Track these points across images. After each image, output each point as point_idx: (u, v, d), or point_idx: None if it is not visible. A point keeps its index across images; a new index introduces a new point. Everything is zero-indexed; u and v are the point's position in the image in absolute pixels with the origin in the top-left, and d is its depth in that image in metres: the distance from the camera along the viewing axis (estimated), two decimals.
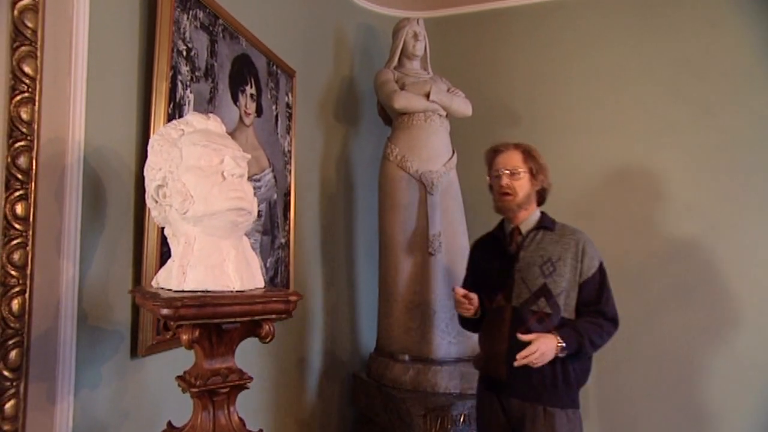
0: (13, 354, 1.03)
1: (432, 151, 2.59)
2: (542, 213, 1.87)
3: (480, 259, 1.95)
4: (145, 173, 1.07)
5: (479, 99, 2.87)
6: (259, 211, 1.97)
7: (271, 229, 2.07)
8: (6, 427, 1.01)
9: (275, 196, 2.10)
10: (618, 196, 2.82)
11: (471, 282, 1.96)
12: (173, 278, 0.98)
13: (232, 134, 1.77)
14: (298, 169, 2.32)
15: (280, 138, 2.17)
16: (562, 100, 2.98)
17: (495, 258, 1.86)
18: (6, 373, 1.02)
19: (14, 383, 1.03)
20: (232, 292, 0.99)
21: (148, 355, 1.38)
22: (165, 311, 0.88)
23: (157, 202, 1.05)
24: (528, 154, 1.83)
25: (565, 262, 1.72)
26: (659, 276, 2.68)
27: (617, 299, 2.66)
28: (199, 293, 0.95)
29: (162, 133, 1.06)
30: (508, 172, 1.80)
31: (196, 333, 0.94)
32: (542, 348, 1.60)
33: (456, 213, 2.63)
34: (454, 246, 2.54)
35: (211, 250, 1.00)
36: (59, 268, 1.14)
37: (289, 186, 2.24)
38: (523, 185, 1.80)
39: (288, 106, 2.25)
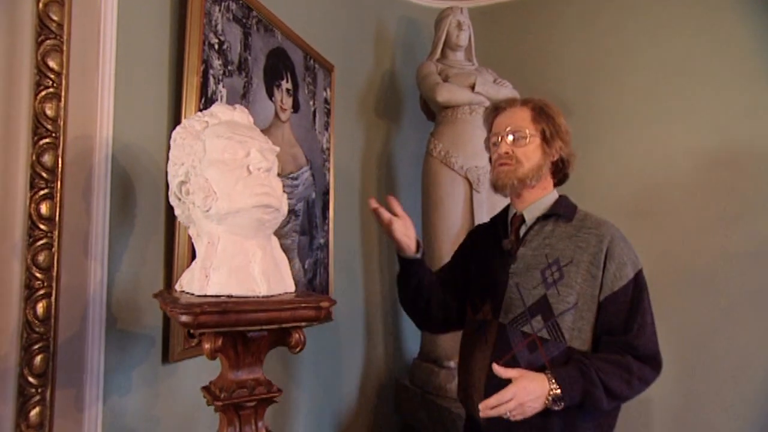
0: (38, 359, 0.99)
1: (478, 145, 2.42)
2: (561, 196, 1.38)
3: (473, 252, 1.47)
4: (168, 169, 1.00)
5: (528, 90, 2.67)
6: (296, 211, 1.90)
7: (309, 229, 1.99)
8: None
9: (313, 195, 2.03)
10: (686, 191, 2.56)
11: (452, 276, 1.47)
12: (195, 281, 0.91)
13: (267, 130, 1.71)
14: (337, 166, 2.24)
15: (318, 134, 2.09)
16: (621, 89, 2.75)
17: (489, 253, 1.39)
18: (31, 379, 0.98)
19: (39, 390, 0.99)
20: (257, 297, 0.90)
21: (181, 361, 1.33)
22: (184, 318, 0.81)
23: (180, 199, 0.98)
24: (541, 112, 1.33)
25: (578, 267, 1.22)
26: (737, 278, 2.41)
27: (683, 305, 2.26)
28: (222, 298, 0.87)
29: (185, 126, 1.00)
30: (509, 135, 1.31)
31: (219, 342, 0.86)
32: (521, 396, 1.10)
33: None
34: None
35: (235, 251, 0.92)
36: (86, 269, 1.09)
37: (328, 184, 2.16)
38: (529, 153, 1.30)
39: (326, 101, 2.17)
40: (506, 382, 1.15)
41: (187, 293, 0.93)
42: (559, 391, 1.12)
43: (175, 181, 0.98)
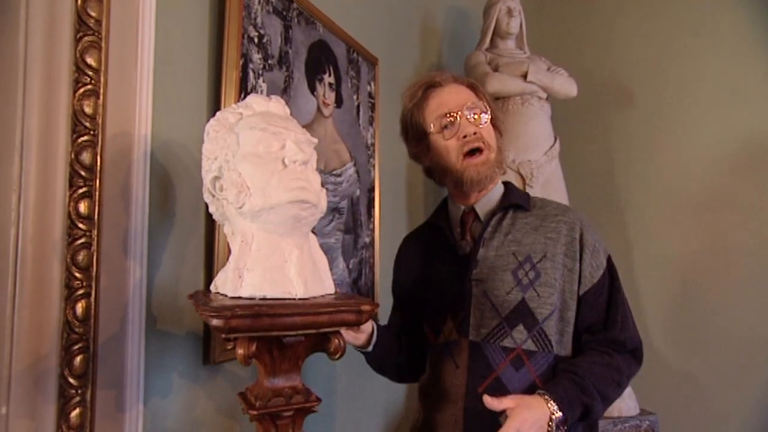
0: (77, 360, 0.97)
1: (530, 138, 2.31)
2: (507, 184, 1.21)
3: (413, 267, 1.26)
4: (202, 164, 0.96)
5: (586, 77, 2.52)
6: (340, 209, 1.84)
7: (353, 227, 1.93)
8: None
9: (358, 192, 1.97)
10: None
11: (400, 312, 1.31)
12: (229, 282, 0.86)
13: (309, 125, 1.66)
14: (382, 163, 2.17)
15: (363, 130, 2.03)
16: (694, 73, 2.53)
17: (438, 262, 1.20)
18: (71, 380, 0.96)
19: (79, 391, 0.98)
20: (293, 299, 0.84)
21: (223, 362, 1.30)
22: (215, 322, 0.76)
23: (213, 196, 0.94)
24: (479, 91, 1.17)
25: (554, 262, 1.09)
26: None
27: None
28: (256, 301, 0.81)
29: (218, 118, 0.95)
30: (469, 111, 1.11)
31: (253, 347, 0.81)
32: (524, 430, 0.93)
33: None
34: None
35: (270, 250, 0.86)
36: (126, 269, 1.07)
37: (373, 181, 2.10)
38: (491, 134, 1.14)
39: (370, 95, 2.10)
40: (489, 413, 0.98)
41: (222, 295, 0.88)
42: (560, 413, 0.97)
43: (209, 177, 0.94)
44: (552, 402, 0.98)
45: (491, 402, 0.98)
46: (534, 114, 2.33)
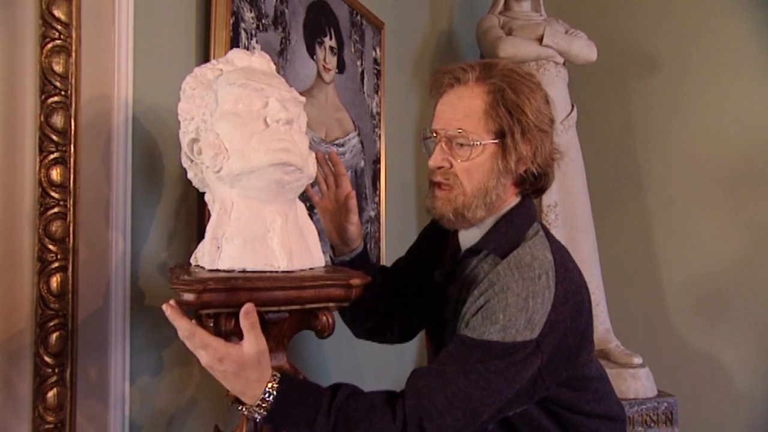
0: (53, 337, 0.92)
1: None
2: (506, 214, 0.97)
3: (426, 257, 1.16)
4: (180, 126, 0.88)
5: (606, 41, 2.37)
6: None
7: (357, 200, 1.85)
8: (49, 418, 0.91)
9: (362, 164, 1.88)
10: None
11: (404, 274, 1.20)
12: (206, 254, 0.78)
13: (309, 91, 1.57)
14: (389, 133, 2.06)
15: (367, 98, 1.93)
16: (724, 36, 2.35)
17: (431, 274, 1.10)
18: (47, 358, 0.91)
19: (56, 370, 0.92)
20: (276, 272, 0.76)
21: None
22: (186, 296, 0.69)
23: (192, 161, 0.86)
24: (503, 100, 0.91)
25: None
26: None
27: None
28: (233, 273, 0.74)
29: (196, 75, 0.87)
30: (442, 135, 0.94)
31: (231, 324, 0.74)
32: (218, 359, 0.77)
33: (576, 180, 2.21)
34: (574, 219, 2.15)
35: (251, 219, 0.79)
36: (108, 241, 1.01)
37: (379, 152, 2.00)
38: (474, 169, 0.92)
39: (376, 62, 1.99)
40: None
41: (200, 267, 0.81)
42: (262, 414, 0.79)
43: (186, 139, 0.86)
44: (272, 400, 0.77)
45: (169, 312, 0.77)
46: (550, 80, 2.19)
